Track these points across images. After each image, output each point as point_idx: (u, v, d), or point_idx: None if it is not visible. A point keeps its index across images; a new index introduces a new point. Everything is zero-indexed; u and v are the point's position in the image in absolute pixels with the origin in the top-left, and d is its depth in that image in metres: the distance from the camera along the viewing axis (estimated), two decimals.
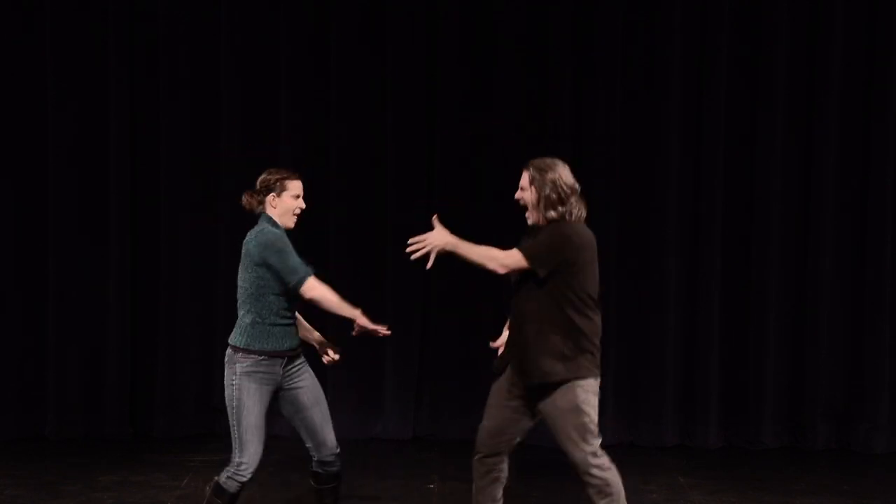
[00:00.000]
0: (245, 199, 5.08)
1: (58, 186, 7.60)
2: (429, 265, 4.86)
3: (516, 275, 4.92)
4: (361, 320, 4.93)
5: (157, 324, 7.73)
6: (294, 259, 4.92)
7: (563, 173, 4.92)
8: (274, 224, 5.01)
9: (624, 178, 7.63)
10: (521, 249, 4.85)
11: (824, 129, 7.57)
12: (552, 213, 4.89)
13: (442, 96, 7.67)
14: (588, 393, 4.92)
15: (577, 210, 4.92)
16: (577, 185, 4.92)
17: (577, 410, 4.88)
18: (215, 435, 7.63)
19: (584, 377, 4.91)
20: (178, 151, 7.68)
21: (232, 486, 4.99)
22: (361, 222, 7.72)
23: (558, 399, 4.88)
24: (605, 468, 4.93)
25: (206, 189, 7.71)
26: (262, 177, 5.07)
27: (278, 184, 5.03)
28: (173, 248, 7.71)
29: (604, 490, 4.90)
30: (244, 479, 4.98)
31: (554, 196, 4.87)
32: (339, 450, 5.19)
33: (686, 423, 7.70)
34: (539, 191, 4.89)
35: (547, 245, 4.84)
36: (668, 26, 7.57)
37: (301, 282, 4.90)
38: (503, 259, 4.85)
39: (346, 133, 7.67)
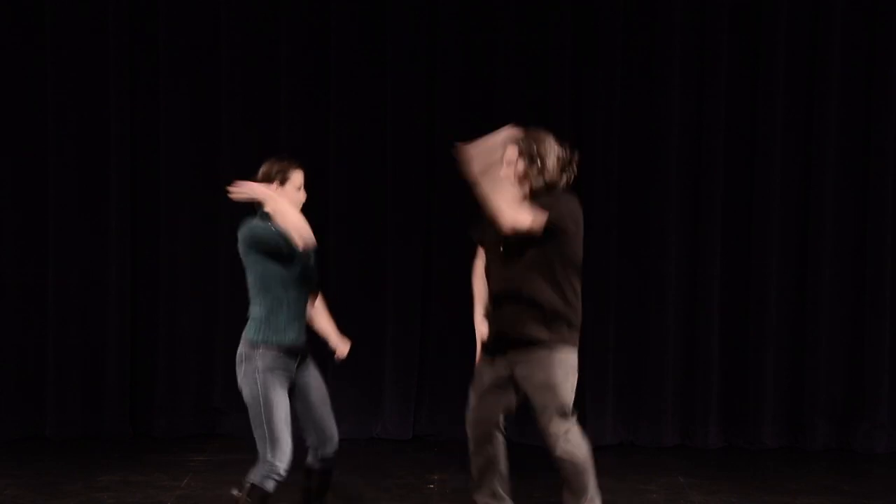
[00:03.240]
0: None
1: (58, 187, 7.59)
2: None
3: (494, 243, 4.93)
4: None
5: (157, 324, 7.72)
6: (264, 243, 4.86)
7: (551, 142, 4.92)
8: (267, 217, 4.93)
9: (623, 178, 7.63)
10: (544, 212, 4.76)
11: (824, 129, 7.57)
12: (541, 183, 4.88)
13: (442, 96, 7.67)
14: (567, 366, 4.93)
15: (564, 178, 4.92)
16: (564, 153, 4.92)
17: (555, 385, 4.87)
18: (215, 435, 7.64)
19: (565, 348, 4.92)
20: (178, 151, 7.68)
21: (269, 486, 4.85)
22: (361, 223, 7.71)
23: (538, 369, 4.88)
24: (574, 444, 4.95)
25: (206, 188, 7.70)
26: (263, 168, 5.02)
27: (280, 175, 4.97)
28: (173, 247, 7.70)
29: (569, 466, 4.95)
30: (281, 478, 4.87)
31: (544, 168, 4.87)
32: (338, 445, 5.17)
33: (686, 423, 7.70)
34: (530, 163, 4.87)
35: (559, 208, 4.81)
36: (668, 26, 7.56)
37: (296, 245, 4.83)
38: (518, 221, 4.71)
39: (345, 132, 7.67)
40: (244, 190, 4.84)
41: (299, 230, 4.75)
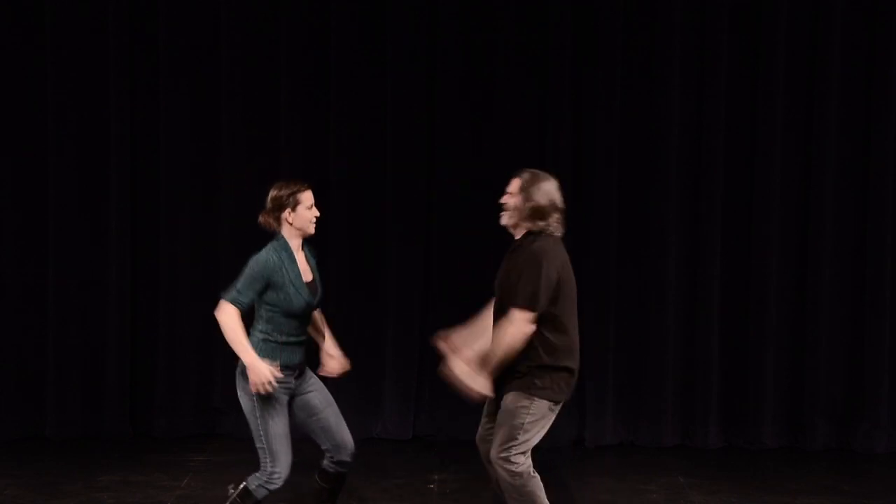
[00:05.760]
0: (262, 219, 5.11)
1: (58, 187, 7.59)
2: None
3: (497, 286, 5.00)
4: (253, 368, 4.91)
5: (157, 324, 7.73)
6: (242, 283, 4.94)
7: (551, 188, 4.97)
8: (283, 247, 5.01)
9: (624, 178, 7.63)
10: (518, 304, 4.85)
11: (824, 129, 7.57)
12: (531, 225, 4.94)
13: (442, 96, 7.66)
14: (533, 414, 4.93)
15: (555, 228, 4.97)
16: (561, 204, 4.97)
17: (513, 421, 4.89)
18: (215, 435, 7.64)
19: (537, 396, 4.93)
20: (178, 151, 7.68)
21: (261, 494, 5.04)
22: (361, 223, 7.71)
23: (504, 406, 4.94)
24: (517, 480, 4.93)
25: (206, 189, 7.71)
26: (273, 193, 5.08)
27: (291, 199, 5.05)
28: (173, 247, 7.70)
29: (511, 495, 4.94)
30: (276, 488, 5.03)
31: (537, 208, 4.91)
32: (355, 450, 5.24)
33: (686, 423, 7.70)
34: (525, 200, 4.94)
35: (536, 281, 4.85)
36: (668, 26, 7.56)
37: (221, 298, 4.94)
38: (521, 337, 4.86)
39: (345, 132, 7.67)
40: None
41: None
